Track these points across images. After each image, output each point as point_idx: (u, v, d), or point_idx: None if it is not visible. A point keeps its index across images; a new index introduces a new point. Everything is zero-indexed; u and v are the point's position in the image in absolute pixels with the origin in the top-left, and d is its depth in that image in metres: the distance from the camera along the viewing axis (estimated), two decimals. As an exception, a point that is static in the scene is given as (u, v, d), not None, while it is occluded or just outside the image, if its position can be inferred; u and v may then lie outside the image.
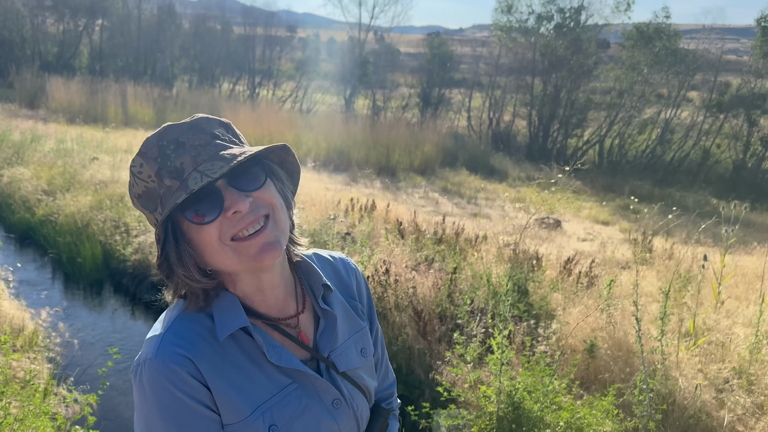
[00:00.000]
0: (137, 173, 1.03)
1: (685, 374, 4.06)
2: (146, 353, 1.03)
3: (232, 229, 1.01)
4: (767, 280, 6.32)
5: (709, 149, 17.64)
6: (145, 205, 1.05)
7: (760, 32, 17.00)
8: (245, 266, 1.03)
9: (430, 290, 4.74)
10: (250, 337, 1.07)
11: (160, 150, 1.01)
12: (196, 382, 1.01)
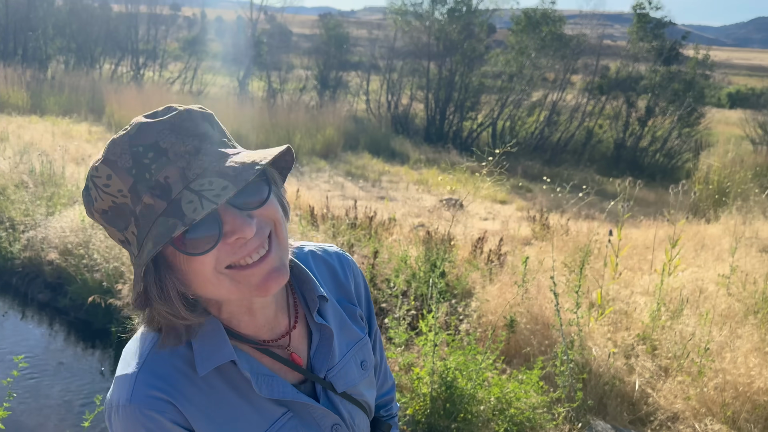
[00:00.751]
0: (102, 186, 0.83)
1: (597, 344, 4.29)
2: (119, 397, 0.88)
3: (231, 257, 0.85)
4: (657, 251, 6.85)
5: (592, 130, 18.83)
6: (110, 221, 0.86)
7: (636, 19, 18.31)
8: (244, 296, 0.88)
9: (354, 276, 4.68)
10: (236, 366, 0.92)
11: (134, 158, 0.80)
12: (180, 429, 0.88)
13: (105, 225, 0.88)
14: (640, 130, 18.07)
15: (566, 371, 3.81)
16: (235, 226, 0.82)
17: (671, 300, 5.20)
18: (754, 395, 3.64)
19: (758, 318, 4.65)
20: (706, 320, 4.56)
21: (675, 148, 17.85)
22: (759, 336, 4.30)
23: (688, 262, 6.74)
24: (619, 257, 5.95)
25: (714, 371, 3.87)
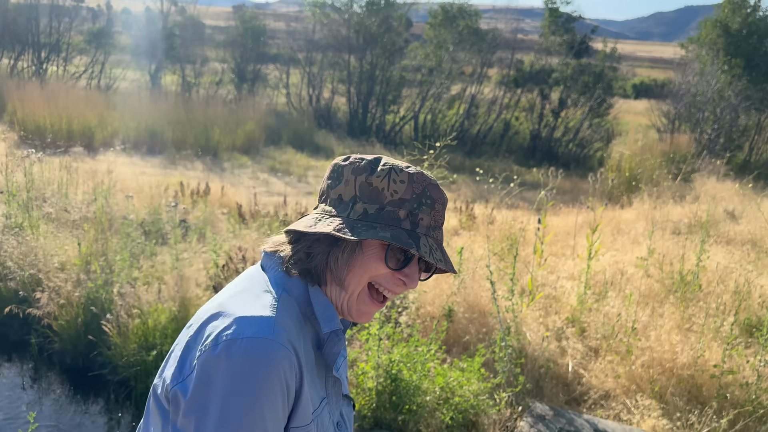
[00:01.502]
0: (393, 179, 1.06)
1: (531, 328, 4.43)
2: (254, 330, 0.94)
3: (384, 283, 1.07)
4: (578, 236, 7.15)
5: (509, 121, 19.43)
6: (368, 193, 1.05)
7: (547, 13, 19.01)
8: (349, 310, 1.08)
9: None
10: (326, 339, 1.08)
11: (422, 193, 1.06)
12: (297, 378, 0.97)
13: (361, 187, 1.06)
14: (554, 121, 18.82)
15: (505, 357, 3.91)
16: (413, 276, 1.07)
17: (595, 283, 5.45)
18: (678, 370, 3.87)
19: (677, 297, 4.95)
20: (630, 301, 4.80)
21: (587, 137, 18.73)
22: (679, 314, 4.58)
23: (608, 246, 7.08)
24: (544, 244, 6.17)
25: (640, 349, 4.08)
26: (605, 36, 20.70)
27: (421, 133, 19.63)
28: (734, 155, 17.06)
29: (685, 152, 13.71)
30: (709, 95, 16.60)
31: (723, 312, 4.62)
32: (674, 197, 9.76)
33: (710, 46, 17.76)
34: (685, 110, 17.32)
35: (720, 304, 4.78)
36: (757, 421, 3.62)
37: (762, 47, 17.29)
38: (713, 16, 18.22)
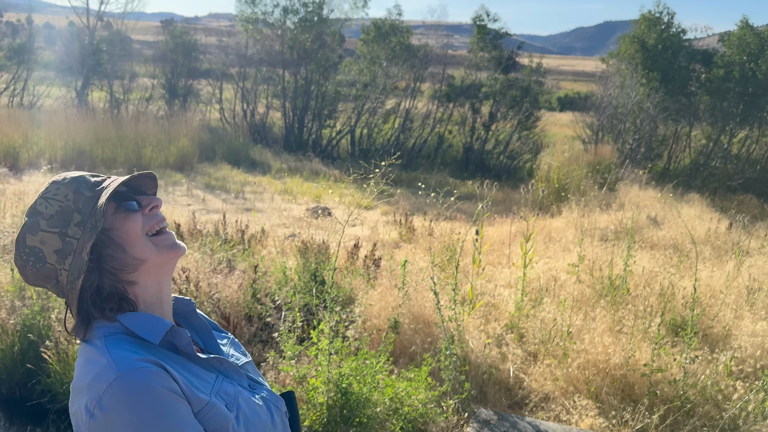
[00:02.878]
0: (51, 197, 1.13)
1: (473, 336, 4.58)
2: (104, 381, 1.00)
3: (149, 222, 1.17)
4: (513, 245, 7.41)
5: (443, 135, 19.87)
6: (54, 224, 1.11)
7: (476, 30, 19.62)
8: (162, 257, 1.17)
9: (236, 292, 4.55)
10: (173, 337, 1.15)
11: (76, 178, 1.16)
12: (171, 377, 1.04)
13: (47, 230, 1.11)
14: (485, 134, 19.39)
15: (450, 365, 4.03)
16: (149, 200, 1.19)
17: (531, 290, 5.68)
18: (611, 370, 4.10)
19: (607, 301, 5.24)
20: (564, 306, 5.04)
21: (516, 149, 19.39)
22: (610, 317, 4.85)
23: (541, 254, 7.38)
24: (481, 254, 6.37)
25: (576, 352, 4.29)
26: (531, 51, 21.54)
27: (357, 147, 19.78)
28: (655, 164, 18.08)
29: (609, 162, 14.43)
30: (630, 107, 17.56)
31: (650, 314, 4.93)
32: (601, 205, 10.26)
33: (629, 61, 18.80)
34: (608, 122, 18.23)
35: (647, 306, 5.08)
36: (685, 415, 3.87)
37: (676, 61, 18.45)
38: (631, 32, 19.32)
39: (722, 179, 17.02)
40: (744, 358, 4.43)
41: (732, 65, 17.55)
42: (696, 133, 18.60)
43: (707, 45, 20.03)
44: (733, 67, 17.48)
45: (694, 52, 18.74)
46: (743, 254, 7.84)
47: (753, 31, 17.91)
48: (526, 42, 22.27)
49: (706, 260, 7.40)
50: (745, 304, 5.53)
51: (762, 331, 4.76)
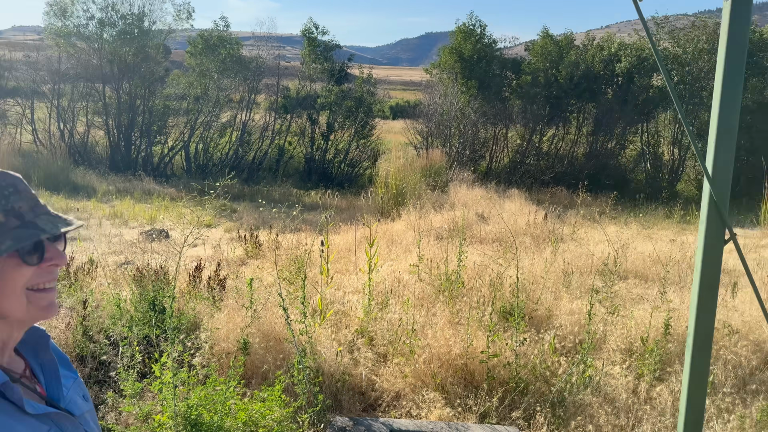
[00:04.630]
0: None
1: (325, 346, 4.64)
2: None
3: (39, 278, 1.07)
4: (358, 251, 7.61)
5: (283, 146, 19.79)
6: None
7: (306, 42, 19.81)
8: (30, 315, 1.08)
9: (64, 333, 4.16)
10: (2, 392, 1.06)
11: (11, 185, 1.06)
12: None
13: None
14: (325, 144, 19.66)
15: (303, 379, 4.04)
16: (56, 254, 1.08)
17: (378, 293, 5.88)
18: (453, 361, 4.38)
19: (446, 296, 5.58)
20: (408, 306, 5.29)
21: (356, 158, 19.91)
22: (449, 311, 5.18)
23: (385, 257, 7.66)
24: (329, 263, 6.47)
25: (421, 348, 4.53)
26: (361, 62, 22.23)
27: (194, 163, 18.99)
28: (479, 165, 19.56)
29: (439, 165, 15.36)
30: (453, 113, 18.85)
31: (483, 303, 5.34)
32: (435, 206, 10.89)
33: (450, 71, 20.17)
34: (436, 128, 19.39)
35: (480, 297, 5.51)
36: (520, 394, 4.26)
37: (491, 70, 20.12)
38: (449, 43, 20.74)
39: (537, 175, 18.90)
40: (565, 335, 4.97)
41: (537, 72, 19.56)
42: (512, 134, 20.44)
43: (516, 54, 22.13)
44: (539, 74, 19.49)
45: (505, 61, 20.59)
46: (558, 241, 8.79)
47: (553, 40, 20.12)
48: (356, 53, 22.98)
49: (527, 249, 8.18)
50: (562, 286, 6.22)
51: (578, 309, 5.38)
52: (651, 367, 4.37)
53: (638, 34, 20.12)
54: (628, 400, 4.07)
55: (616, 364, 4.52)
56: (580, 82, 19.11)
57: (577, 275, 6.62)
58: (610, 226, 12.14)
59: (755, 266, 7.58)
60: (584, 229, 10.77)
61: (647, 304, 5.60)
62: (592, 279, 6.49)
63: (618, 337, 4.77)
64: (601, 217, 13.67)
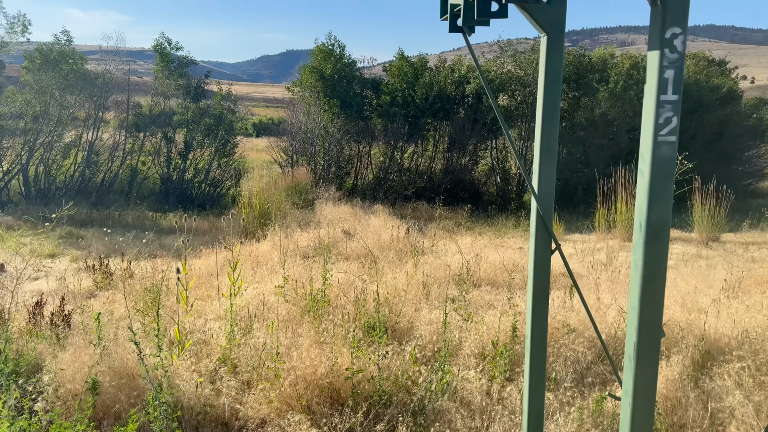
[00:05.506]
0: None
1: (184, 379, 4.46)
2: None
3: None
4: (221, 276, 7.40)
5: (136, 167, 18.69)
6: None
7: (158, 58, 18.96)
8: None
9: None
10: None
11: None
12: None
13: None
14: (183, 163, 18.88)
15: (160, 416, 3.85)
16: None
17: (241, 318, 5.76)
18: (319, 381, 4.41)
19: (312, 316, 5.60)
20: (273, 329, 5.24)
21: (217, 177, 19.33)
22: (314, 330, 5.20)
23: (249, 280, 7.52)
24: (188, 290, 6.23)
25: (286, 371, 4.51)
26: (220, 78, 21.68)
27: (34, 188, 17.37)
28: (344, 181, 19.84)
29: (305, 183, 15.38)
30: (317, 131, 18.99)
31: (348, 320, 5.43)
32: (301, 225, 10.88)
33: (311, 89, 20.33)
34: (300, 145, 19.41)
35: (345, 314, 5.59)
36: (384, 407, 4.38)
37: (352, 89, 20.56)
38: (310, 62, 20.91)
39: (400, 190, 19.55)
40: (425, 344, 5.19)
41: (395, 92, 20.31)
42: (375, 151, 21.00)
43: (375, 74, 22.82)
44: (397, 94, 20.25)
45: (365, 81, 21.15)
46: (419, 254, 9.16)
47: (408, 62, 21.02)
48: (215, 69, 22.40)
49: (391, 263, 8.44)
50: (423, 298, 6.49)
51: (436, 319, 5.64)
52: (501, 368, 4.69)
53: (484, 56, 21.64)
54: (482, 402, 4.33)
55: (471, 368, 4.80)
56: (435, 102, 20.11)
57: (436, 286, 6.94)
58: (466, 237, 12.88)
59: (590, 268, 8.41)
60: (443, 241, 11.31)
61: (497, 309, 6.02)
62: (449, 289, 6.84)
63: (472, 342, 5.07)
64: (458, 229, 14.45)
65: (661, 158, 1.84)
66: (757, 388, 4.20)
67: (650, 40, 1.81)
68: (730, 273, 7.05)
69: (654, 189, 1.87)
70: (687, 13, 1.78)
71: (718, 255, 10.66)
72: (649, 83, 1.82)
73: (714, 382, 4.34)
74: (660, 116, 1.81)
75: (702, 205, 12.61)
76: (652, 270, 1.94)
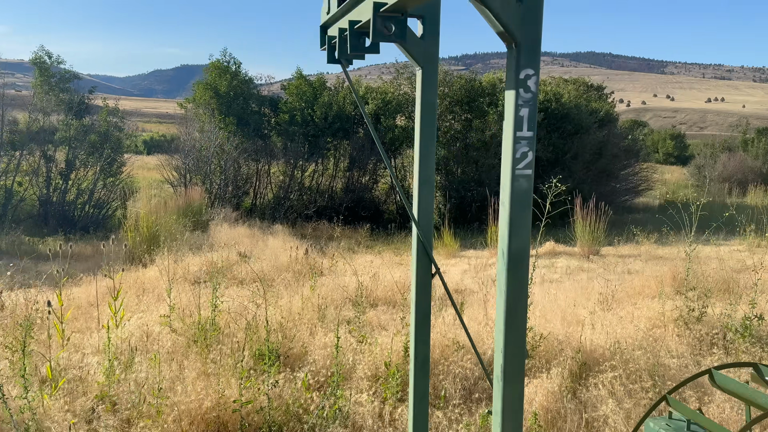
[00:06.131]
0: None
1: (56, 420, 4.13)
2: None
3: None
4: (102, 305, 6.96)
5: (11, 188, 17.27)
6: None
7: (37, 72, 17.73)
8: None
9: None
10: None
11: None
12: None
13: None
14: (64, 183, 17.69)
15: (26, 464, 3.54)
16: None
17: (122, 352, 5.43)
18: (205, 415, 4.23)
19: (199, 346, 5.38)
20: (156, 362, 4.98)
21: (103, 198, 18.26)
22: (201, 362, 4.99)
23: (133, 309, 7.12)
24: (64, 323, 5.81)
25: (170, 406, 4.29)
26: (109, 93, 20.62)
27: None
28: (242, 201, 19.40)
29: (199, 204, 14.87)
30: (213, 149, 18.47)
31: (239, 349, 5.27)
32: (193, 248, 10.49)
33: (206, 106, 19.78)
34: (195, 164, 18.78)
35: (235, 342, 5.42)
36: (274, 436, 4.27)
37: (249, 107, 20.22)
38: (204, 78, 20.36)
39: (300, 209, 19.40)
40: (318, 369, 5.13)
41: (294, 110, 20.21)
42: (275, 170, 20.73)
43: (274, 92, 22.63)
44: (296, 112, 20.15)
45: (263, 99, 20.90)
46: (317, 275, 9.10)
47: (307, 81, 21.02)
48: (103, 83, 21.36)
49: (288, 286, 8.31)
50: (318, 321, 6.43)
51: (331, 343, 5.60)
52: (393, 389, 4.73)
53: (382, 78, 22.08)
54: (374, 425, 4.34)
55: (364, 391, 4.80)
56: (335, 122, 20.20)
57: (333, 308, 6.91)
58: (367, 256, 12.97)
59: (481, 284, 8.72)
60: (343, 260, 11.32)
61: (391, 329, 6.08)
62: (346, 310, 6.83)
63: (366, 364, 5.08)
64: (358, 248, 14.53)
65: (519, 190, 1.94)
66: (627, 396, 4.51)
67: (507, 80, 1.91)
68: (606, 286, 7.56)
69: (513, 219, 1.96)
70: (539, 56, 1.90)
71: (599, 267, 11.41)
72: (507, 120, 1.92)
73: (590, 392, 4.61)
74: (517, 151, 1.91)
75: (583, 221, 13.47)
76: (515, 295, 2.03)
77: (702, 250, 11.58)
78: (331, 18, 2.71)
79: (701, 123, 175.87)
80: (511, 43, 1.87)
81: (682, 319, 6.03)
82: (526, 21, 1.84)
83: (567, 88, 23.69)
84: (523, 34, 1.84)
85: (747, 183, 28.95)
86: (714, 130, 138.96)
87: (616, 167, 24.23)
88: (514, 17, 1.82)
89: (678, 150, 50.66)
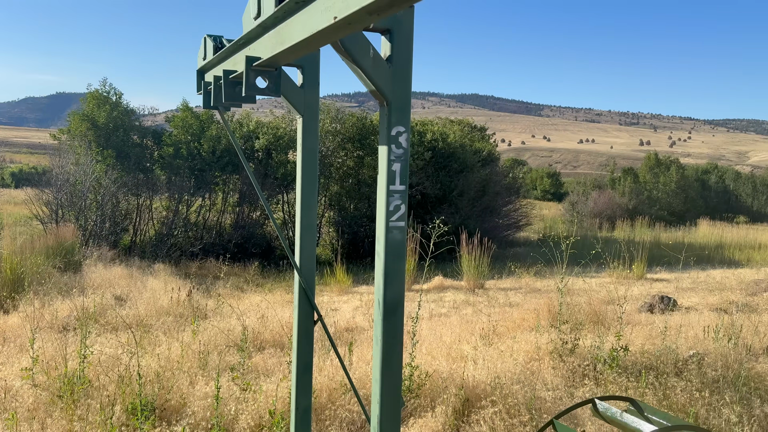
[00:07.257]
0: None
1: None
2: None
3: None
4: None
5: None
6: None
7: None
8: None
9: None
10: None
11: None
12: None
13: None
14: None
15: None
16: None
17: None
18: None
19: (65, 402, 4.93)
20: (14, 422, 4.50)
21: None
22: (67, 419, 4.58)
23: (-10, 363, 6.42)
24: None
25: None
26: (-31, 122, 18.82)
27: None
28: (120, 238, 18.30)
29: (72, 242, 13.83)
30: (88, 184, 17.35)
31: (109, 403, 4.89)
32: (62, 292, 9.71)
33: (82, 138, 18.63)
34: (68, 198, 17.54)
35: (106, 395, 5.03)
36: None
37: (130, 139, 19.29)
38: (81, 109, 19.22)
39: (185, 246, 18.60)
40: (197, 422, 4.87)
41: (180, 143, 19.54)
42: (157, 205, 19.81)
43: (158, 123, 21.77)
44: (181, 146, 19.49)
45: (145, 131, 20.04)
46: (201, 318, 8.71)
47: (193, 114, 20.44)
48: (-38, 110, 19.41)
49: (168, 331, 7.88)
50: (199, 369, 6.13)
51: (212, 392, 5.35)
52: (279, 439, 4.58)
53: (273, 113, 21.97)
54: (257, 478, 4.16)
55: (247, 443, 4.61)
56: (224, 156, 19.75)
57: (216, 354, 6.63)
58: (256, 295, 12.62)
59: (371, 322, 8.75)
60: (231, 300, 10.93)
61: (278, 374, 5.92)
62: (231, 356, 6.57)
63: (249, 414, 4.89)
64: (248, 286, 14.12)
65: (393, 241, 1.98)
66: (507, 431, 4.67)
67: (380, 137, 1.97)
68: (488, 320, 7.86)
69: (388, 269, 1.99)
70: (409, 114, 1.97)
71: (484, 301, 11.86)
72: (380, 174, 1.97)
73: (472, 428, 4.72)
74: (390, 204, 1.96)
75: (469, 256, 13.99)
76: (390, 344, 2.05)
77: (575, 283, 12.40)
78: (208, 64, 2.67)
79: (575, 162, 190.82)
80: (383, 101, 1.93)
81: (556, 352, 6.37)
82: (397, 81, 1.91)
83: (453, 129, 24.82)
84: (394, 93, 1.91)
85: (615, 218, 31.58)
86: (586, 169, 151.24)
87: (499, 203, 25.53)
88: (384, 78, 1.88)
89: (554, 187, 54.46)
